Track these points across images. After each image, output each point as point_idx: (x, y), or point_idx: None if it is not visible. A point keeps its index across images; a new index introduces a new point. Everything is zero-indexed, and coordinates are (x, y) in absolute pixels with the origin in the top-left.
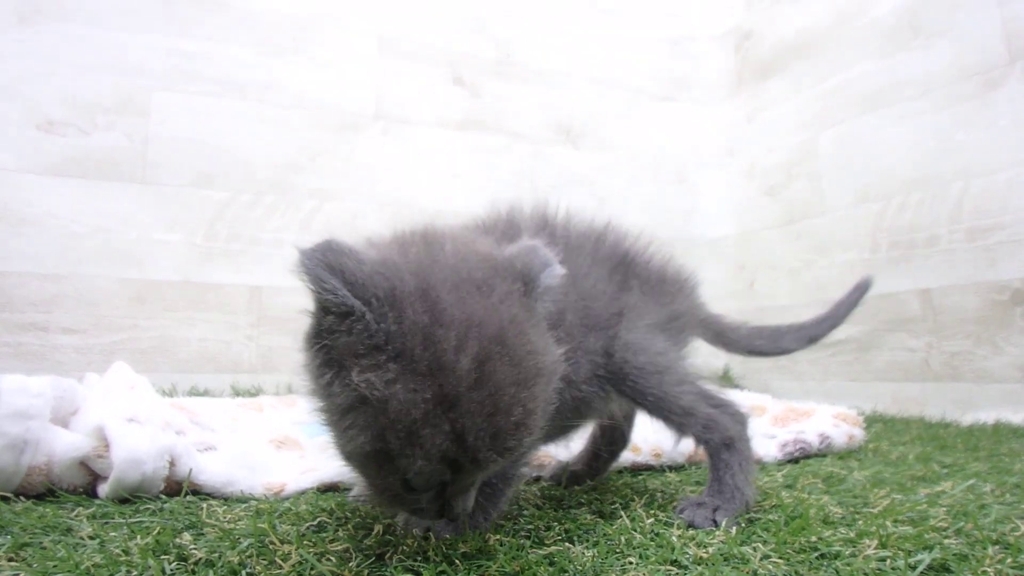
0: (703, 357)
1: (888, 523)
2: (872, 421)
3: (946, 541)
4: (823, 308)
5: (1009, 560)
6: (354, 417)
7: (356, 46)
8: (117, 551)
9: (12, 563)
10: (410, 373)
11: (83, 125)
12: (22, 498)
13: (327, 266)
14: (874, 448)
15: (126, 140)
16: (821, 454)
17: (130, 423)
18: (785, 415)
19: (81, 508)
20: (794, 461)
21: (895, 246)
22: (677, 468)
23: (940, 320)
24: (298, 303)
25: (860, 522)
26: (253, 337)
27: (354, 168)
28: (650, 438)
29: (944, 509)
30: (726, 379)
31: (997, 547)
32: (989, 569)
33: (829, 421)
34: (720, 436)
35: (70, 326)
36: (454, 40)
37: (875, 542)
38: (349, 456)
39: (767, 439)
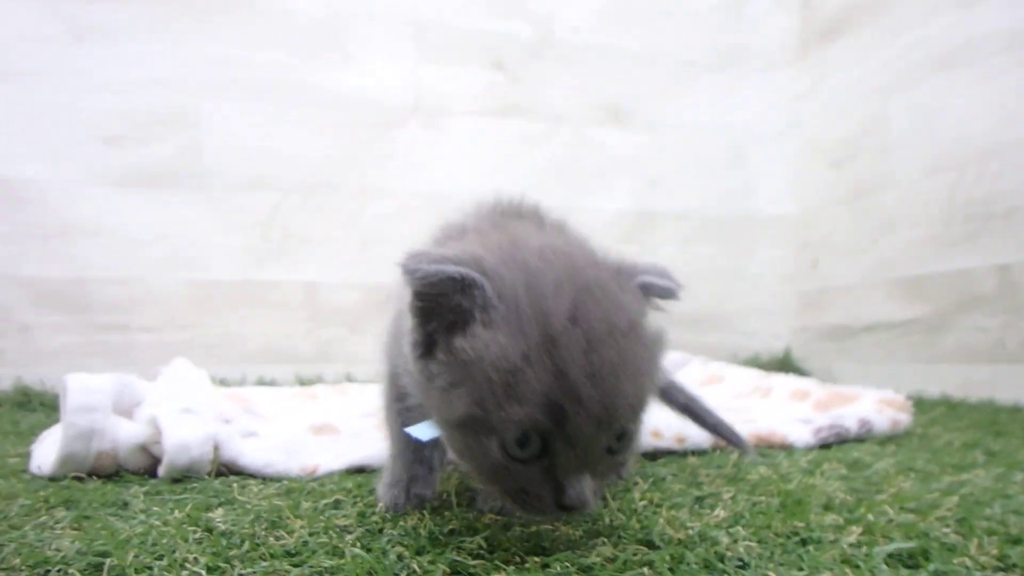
0: (762, 339)
1: (891, 510)
2: (936, 405)
3: (943, 530)
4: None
5: (994, 551)
6: (454, 388)
7: (391, 38)
8: (158, 523)
9: (75, 531)
10: (516, 319)
11: (141, 138)
12: (95, 478)
13: (430, 260)
14: (922, 433)
15: (180, 150)
16: (860, 439)
17: (184, 413)
18: (829, 400)
19: (138, 487)
20: (827, 446)
21: (970, 219)
22: (700, 453)
23: (1018, 298)
24: (350, 298)
25: (861, 509)
26: (311, 330)
27: (395, 164)
28: (673, 424)
29: (957, 498)
30: (786, 361)
31: (994, 538)
32: (967, 559)
33: (872, 406)
34: None
35: (147, 325)
36: (491, 23)
37: (860, 529)
38: (451, 432)
39: (802, 424)
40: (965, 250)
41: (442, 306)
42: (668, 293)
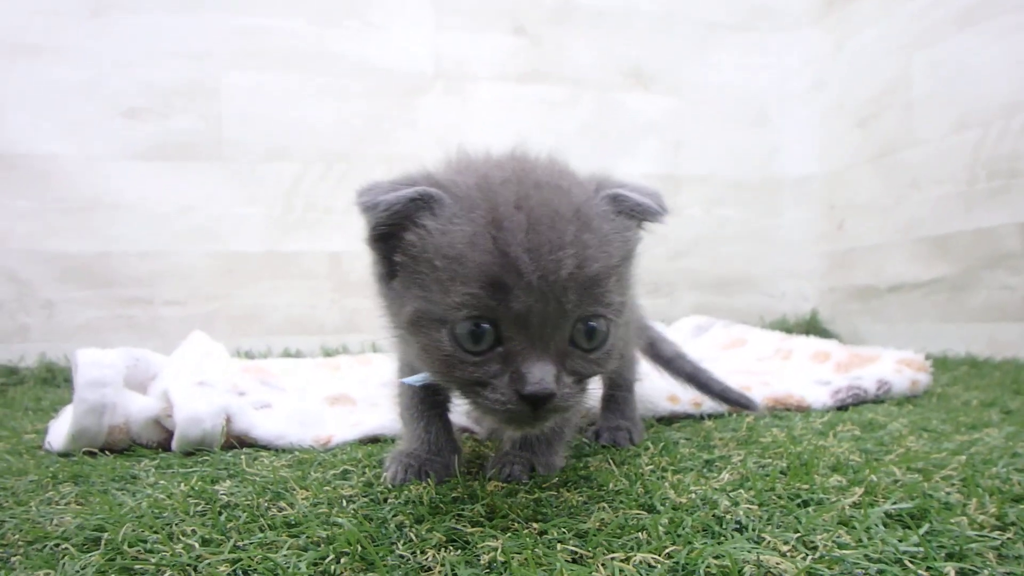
0: (790, 301)
1: (898, 471)
2: (960, 364)
3: (946, 490)
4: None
5: (993, 510)
6: (407, 290)
7: (411, 5)
8: (163, 496)
9: (79, 506)
10: (465, 211)
11: (161, 110)
12: (107, 453)
13: (386, 190)
14: (941, 393)
15: (201, 122)
16: (878, 400)
17: (199, 386)
18: (849, 361)
19: (149, 460)
20: (844, 408)
21: (994, 176)
22: (716, 416)
23: None
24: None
25: (866, 470)
26: (336, 300)
27: (418, 131)
28: (690, 389)
29: (965, 457)
30: (813, 323)
31: (996, 497)
32: (964, 517)
33: (891, 367)
34: (633, 378)
35: (171, 299)
36: None
37: (862, 490)
38: (407, 330)
39: (820, 385)
40: (989, 208)
41: (400, 224)
42: (642, 208)
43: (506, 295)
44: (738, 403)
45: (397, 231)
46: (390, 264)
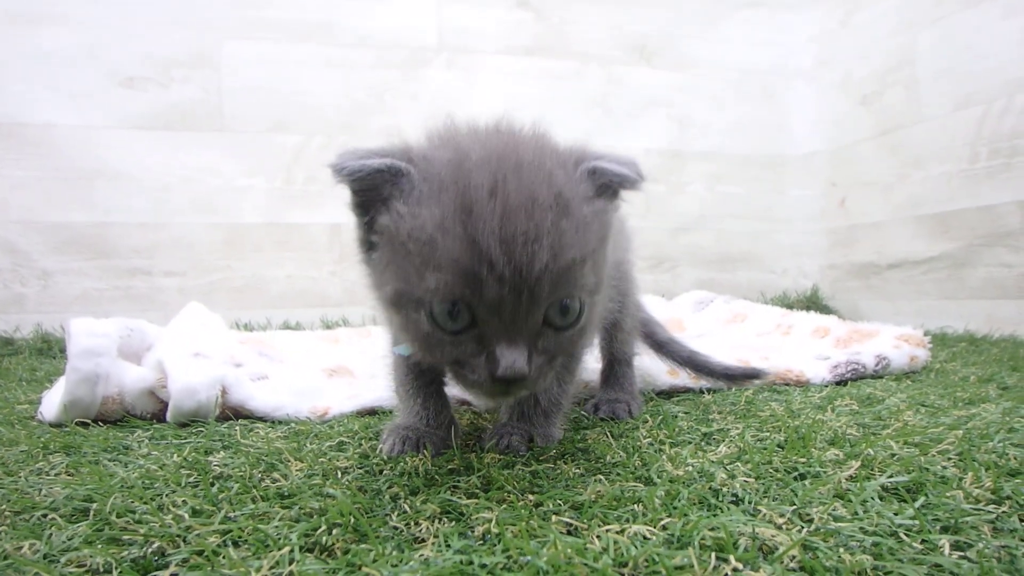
0: (792, 277)
1: (895, 445)
2: (959, 341)
3: (942, 464)
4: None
5: (989, 484)
6: (386, 268)
7: None
8: (155, 467)
9: (69, 476)
10: (435, 193)
11: (161, 80)
12: (100, 423)
13: (357, 156)
14: (940, 369)
15: (202, 92)
16: (877, 376)
17: (194, 357)
18: (848, 337)
19: (142, 431)
20: (843, 383)
21: (996, 154)
22: (715, 390)
23: None
24: None
25: (863, 444)
26: (337, 273)
27: (421, 104)
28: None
29: (962, 432)
30: (813, 299)
31: (992, 471)
32: (960, 491)
33: (890, 342)
34: (632, 352)
35: (171, 270)
36: None
37: (858, 463)
38: (388, 308)
39: (819, 361)
40: (991, 186)
41: (374, 198)
42: (620, 178)
43: (479, 284)
44: (745, 376)
45: (375, 202)
46: (370, 236)
